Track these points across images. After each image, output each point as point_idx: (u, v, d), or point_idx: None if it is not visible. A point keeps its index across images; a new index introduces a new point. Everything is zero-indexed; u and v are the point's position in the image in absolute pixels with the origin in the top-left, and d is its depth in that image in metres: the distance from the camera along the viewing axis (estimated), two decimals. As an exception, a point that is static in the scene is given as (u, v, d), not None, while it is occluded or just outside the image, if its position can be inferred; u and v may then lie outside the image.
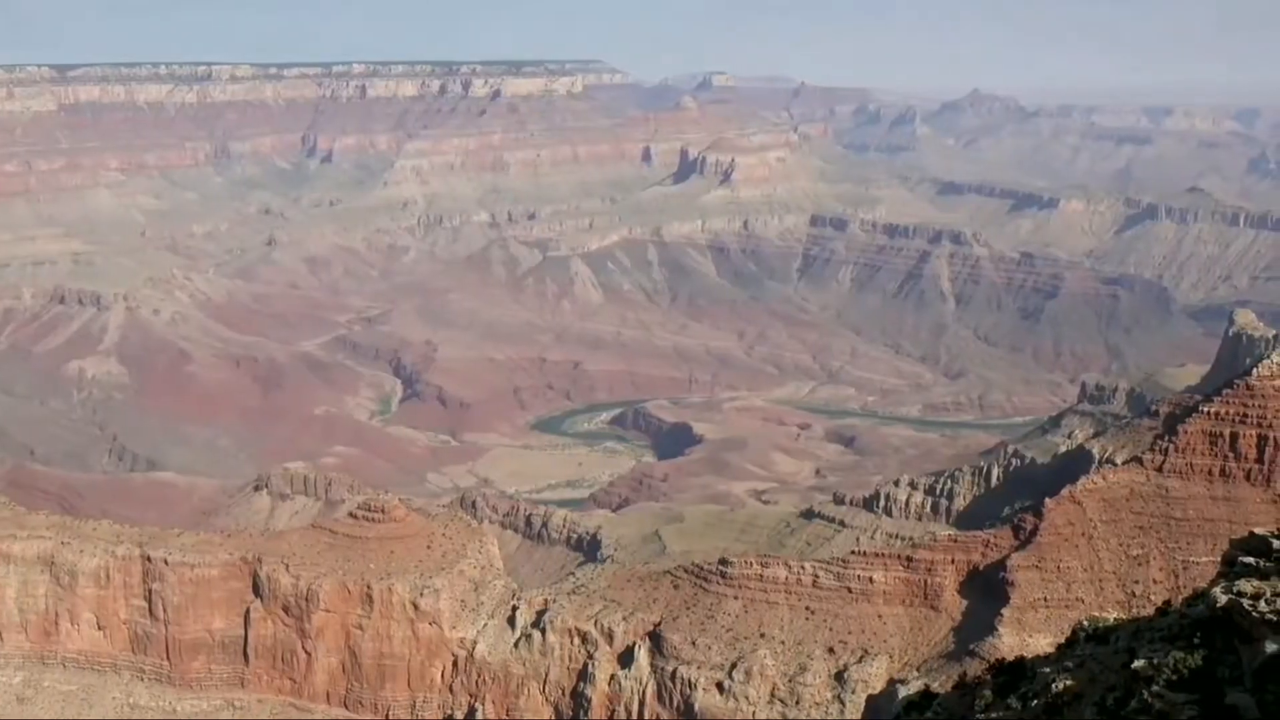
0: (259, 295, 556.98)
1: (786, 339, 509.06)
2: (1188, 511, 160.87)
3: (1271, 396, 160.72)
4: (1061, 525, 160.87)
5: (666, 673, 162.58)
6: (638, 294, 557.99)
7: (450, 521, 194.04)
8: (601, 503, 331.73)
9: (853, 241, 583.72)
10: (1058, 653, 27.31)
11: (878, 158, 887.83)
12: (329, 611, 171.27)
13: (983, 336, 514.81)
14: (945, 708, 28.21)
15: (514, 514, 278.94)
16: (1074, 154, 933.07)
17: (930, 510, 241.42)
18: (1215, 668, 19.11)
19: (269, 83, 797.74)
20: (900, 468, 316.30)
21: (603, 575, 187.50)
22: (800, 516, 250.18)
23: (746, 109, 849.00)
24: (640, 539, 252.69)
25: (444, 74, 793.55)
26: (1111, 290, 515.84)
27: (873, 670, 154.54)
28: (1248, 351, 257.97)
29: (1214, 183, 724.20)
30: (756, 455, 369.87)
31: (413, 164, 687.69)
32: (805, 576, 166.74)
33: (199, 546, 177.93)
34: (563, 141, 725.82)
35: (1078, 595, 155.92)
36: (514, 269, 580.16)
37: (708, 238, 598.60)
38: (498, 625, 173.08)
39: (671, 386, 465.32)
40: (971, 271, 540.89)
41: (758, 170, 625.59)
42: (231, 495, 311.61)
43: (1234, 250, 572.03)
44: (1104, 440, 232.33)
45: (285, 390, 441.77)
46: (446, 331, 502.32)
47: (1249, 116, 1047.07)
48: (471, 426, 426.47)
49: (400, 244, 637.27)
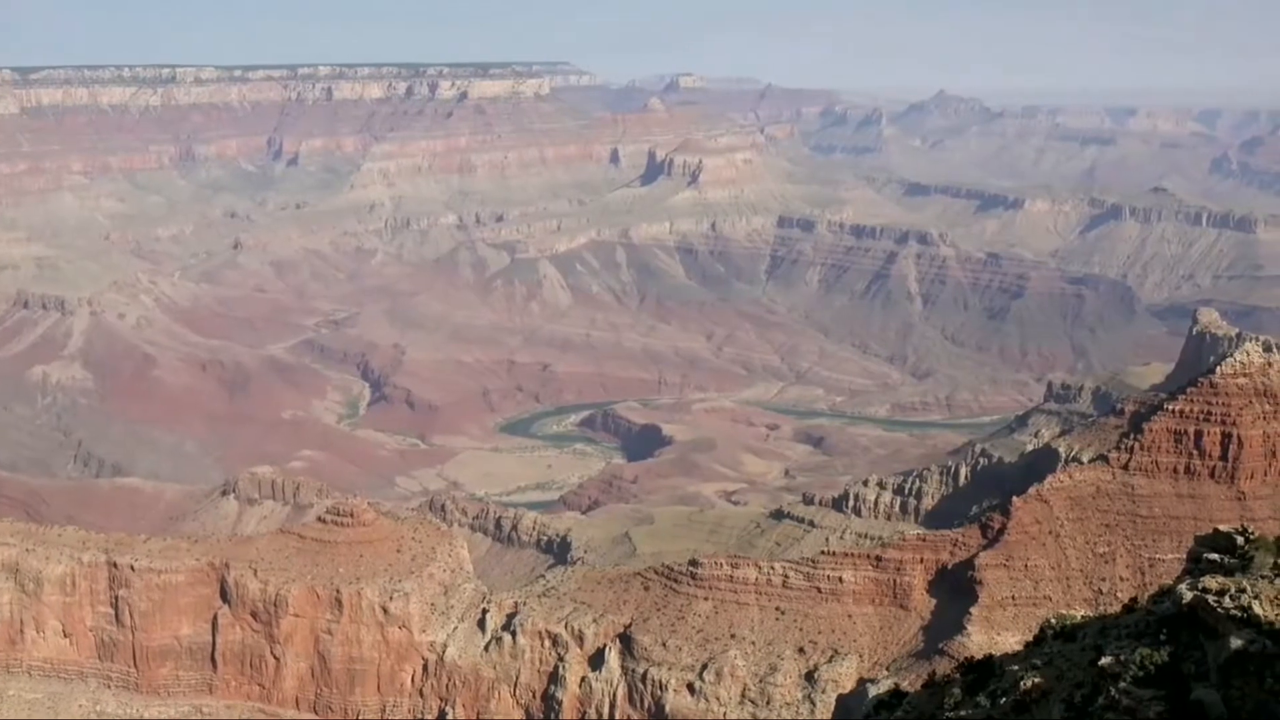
0: (225, 299, 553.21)
1: (755, 340, 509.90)
2: (1153, 509, 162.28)
3: (1235, 394, 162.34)
4: (1029, 524, 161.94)
5: (637, 674, 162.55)
6: (606, 296, 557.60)
7: (419, 525, 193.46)
8: (571, 505, 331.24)
9: (820, 242, 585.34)
10: (1026, 650, 27.47)
11: (844, 159, 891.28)
12: (298, 616, 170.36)
13: (950, 336, 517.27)
14: (915, 706, 28.33)
15: (483, 517, 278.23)
16: (1039, 155, 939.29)
17: (899, 510, 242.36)
18: (1181, 664, 19.28)
19: (234, 85, 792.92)
20: (869, 468, 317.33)
21: (573, 577, 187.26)
22: (770, 517, 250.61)
23: (714, 110, 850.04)
24: (610, 541, 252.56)
25: (410, 76, 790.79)
26: (1076, 290, 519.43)
27: (843, 670, 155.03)
28: (1211, 350, 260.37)
29: (1177, 183, 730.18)
30: (725, 456, 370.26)
31: (379, 166, 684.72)
32: (775, 577, 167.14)
33: (166, 552, 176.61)
34: (530, 143, 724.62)
35: (1045, 593, 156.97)
36: (482, 271, 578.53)
37: (676, 239, 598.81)
38: (468, 628, 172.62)
39: (640, 388, 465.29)
40: (938, 272, 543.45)
41: (725, 172, 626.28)
42: (198, 500, 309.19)
43: (1197, 250, 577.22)
44: (1070, 439, 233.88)
45: (252, 394, 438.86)
46: (414, 334, 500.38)
47: (1211, 117, 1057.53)
48: (440, 429, 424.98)
49: (367, 247, 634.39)
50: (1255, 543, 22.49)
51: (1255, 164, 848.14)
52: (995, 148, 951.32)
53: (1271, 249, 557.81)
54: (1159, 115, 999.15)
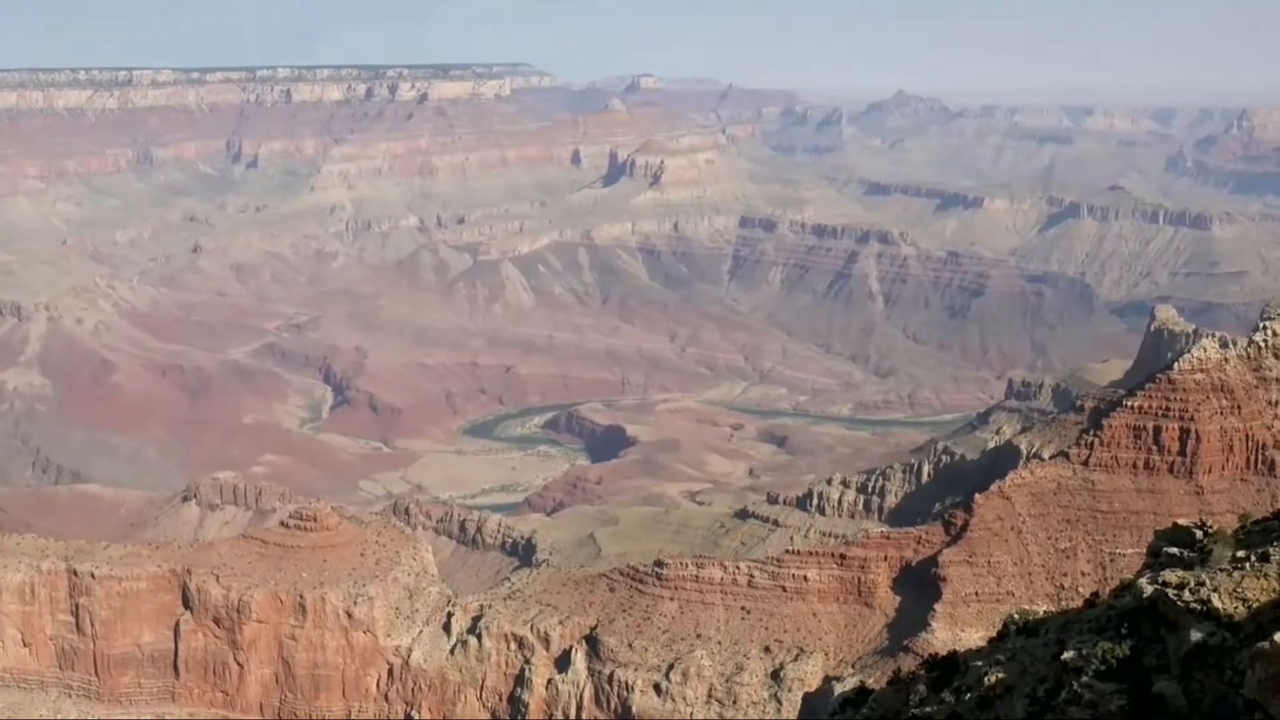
0: (185, 303, 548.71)
1: (718, 340, 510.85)
2: (1113, 504, 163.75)
3: (1193, 390, 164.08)
4: (991, 520, 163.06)
5: (603, 676, 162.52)
6: (569, 297, 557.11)
7: (383, 529, 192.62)
8: (536, 507, 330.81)
9: (782, 242, 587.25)
10: (989, 646, 27.64)
11: (805, 159, 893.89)
12: (261, 622, 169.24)
13: (911, 335, 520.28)
14: (880, 704, 28.45)
15: (448, 520, 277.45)
16: (997, 154, 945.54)
17: (863, 508, 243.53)
18: (1142, 657, 19.45)
19: (192, 87, 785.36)
20: (832, 466, 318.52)
21: (538, 579, 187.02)
22: (734, 517, 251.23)
23: (674, 111, 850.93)
24: (575, 542, 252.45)
25: (370, 78, 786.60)
26: (1036, 288, 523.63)
27: (808, 668, 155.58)
28: (1169, 346, 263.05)
29: (1134, 181, 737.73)
30: (690, 456, 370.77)
31: (340, 169, 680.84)
32: (740, 576, 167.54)
33: (126, 559, 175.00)
34: (491, 145, 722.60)
35: (1008, 589, 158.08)
36: (444, 273, 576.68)
37: (638, 240, 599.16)
38: (433, 632, 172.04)
39: (604, 389, 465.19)
40: (899, 271, 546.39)
41: (687, 172, 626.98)
42: (159, 506, 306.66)
43: (1154, 247, 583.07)
44: (1031, 436, 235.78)
45: (213, 399, 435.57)
46: (376, 337, 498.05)
47: (1166, 116, 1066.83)
48: (403, 432, 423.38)
49: (328, 249, 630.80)
50: (1214, 536, 22.72)
51: (1210, 162, 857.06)
52: (954, 147, 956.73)
53: (1227, 246, 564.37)
54: (1115, 114, 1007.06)
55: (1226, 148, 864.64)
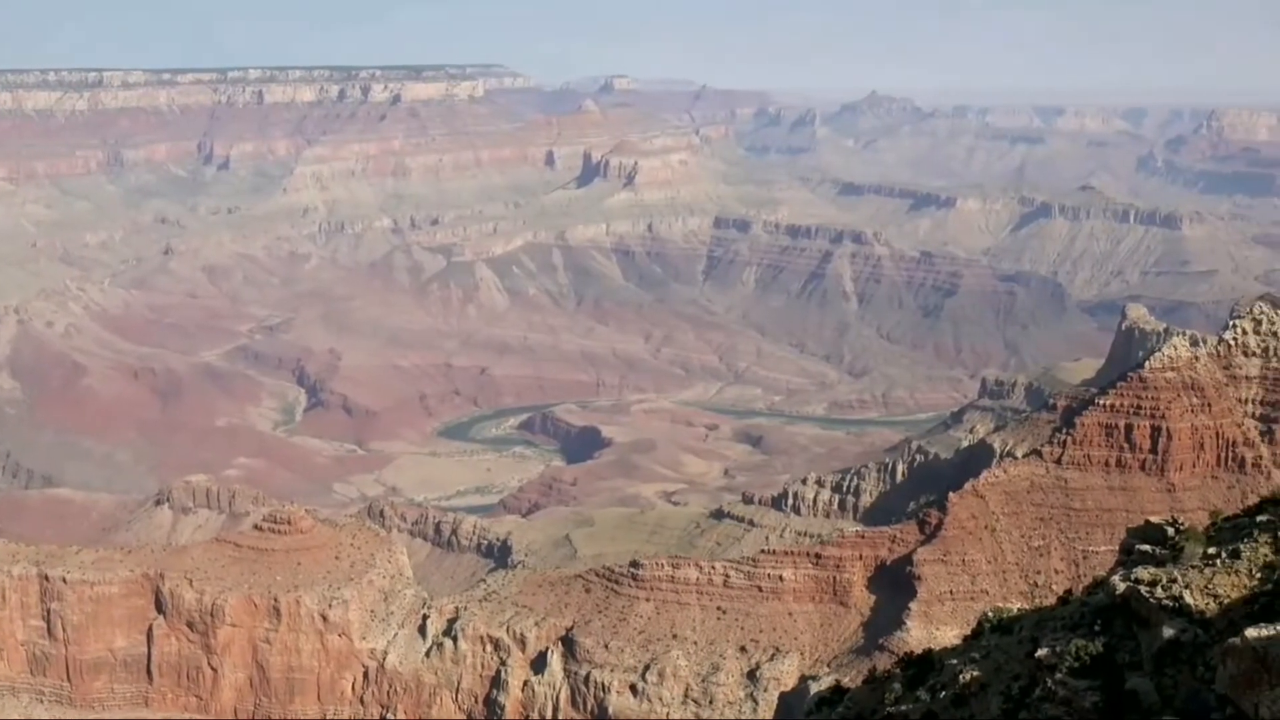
0: (156, 305, 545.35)
1: (693, 340, 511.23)
2: (1086, 502, 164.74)
3: (1164, 388, 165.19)
4: (965, 519, 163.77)
5: (580, 677, 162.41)
6: (543, 298, 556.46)
7: (358, 531, 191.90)
8: (511, 508, 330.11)
9: (756, 243, 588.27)
10: (964, 644, 27.80)
11: (779, 159, 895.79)
12: (235, 626, 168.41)
13: (885, 334, 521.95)
14: (856, 702, 28.57)
15: (423, 522, 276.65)
16: (969, 154, 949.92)
17: (838, 507, 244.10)
18: (1115, 654, 19.60)
19: (162, 88, 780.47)
20: (807, 466, 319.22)
21: (514, 581, 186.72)
22: (710, 517, 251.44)
23: (648, 112, 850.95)
24: (551, 544, 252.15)
25: (343, 79, 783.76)
26: (1008, 287, 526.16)
27: (784, 668, 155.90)
28: (1140, 345, 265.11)
29: (1104, 181, 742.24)
30: (665, 457, 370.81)
31: (312, 170, 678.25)
32: (716, 576, 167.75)
33: (98, 564, 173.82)
34: (465, 146, 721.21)
35: (982, 587, 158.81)
36: (418, 275, 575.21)
37: (612, 241, 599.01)
38: (408, 635, 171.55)
39: (579, 390, 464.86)
40: (873, 271, 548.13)
41: (661, 173, 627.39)
42: (131, 510, 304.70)
43: (1125, 246, 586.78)
44: (1004, 434, 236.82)
45: (185, 402, 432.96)
46: (350, 339, 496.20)
47: (1137, 116, 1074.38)
48: (377, 435, 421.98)
49: (301, 251, 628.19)
50: (1185, 534, 22.92)
51: (1180, 162, 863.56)
52: (927, 147, 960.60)
53: (1197, 245, 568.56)
54: (1086, 114, 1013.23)
55: (1196, 148, 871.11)
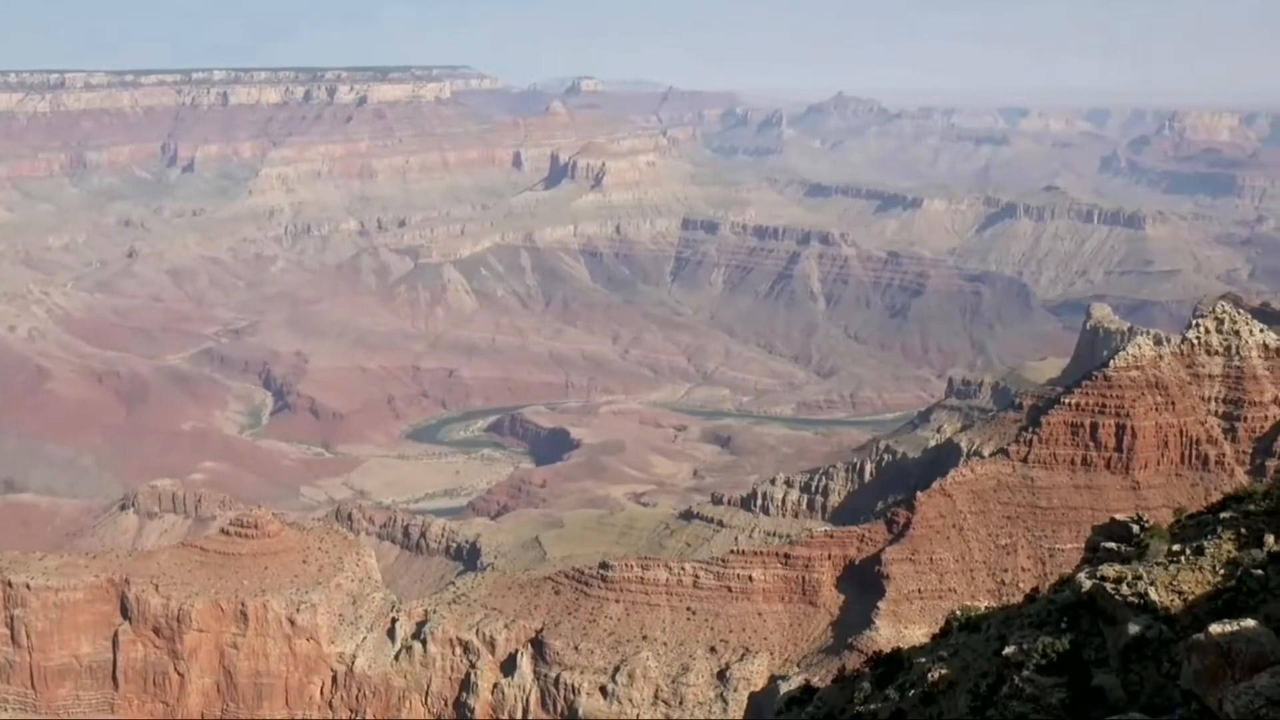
0: (120, 309, 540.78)
1: (661, 342, 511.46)
2: (1052, 500, 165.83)
3: (1128, 387, 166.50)
4: (933, 518, 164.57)
5: (550, 679, 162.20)
6: (511, 300, 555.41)
7: (326, 535, 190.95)
8: (480, 511, 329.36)
9: (724, 244, 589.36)
10: (932, 643, 27.96)
11: (746, 160, 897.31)
12: (202, 631, 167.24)
13: (852, 335, 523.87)
14: (826, 702, 28.68)
15: (391, 525, 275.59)
16: (935, 155, 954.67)
17: (806, 507, 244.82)
18: (1082, 651, 19.74)
19: (125, 90, 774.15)
20: (776, 466, 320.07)
21: (483, 584, 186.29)
22: (679, 518, 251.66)
23: (615, 113, 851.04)
24: (520, 546, 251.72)
25: (308, 80, 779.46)
26: (974, 287, 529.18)
27: (754, 668, 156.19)
28: (1104, 344, 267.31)
29: (1069, 181, 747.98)
30: (634, 458, 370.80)
31: (278, 172, 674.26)
32: (686, 577, 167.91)
33: (63, 569, 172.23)
34: (432, 148, 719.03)
35: (950, 585, 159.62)
36: (385, 277, 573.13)
37: (580, 242, 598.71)
38: (377, 638, 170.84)
39: (548, 392, 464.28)
40: (840, 271, 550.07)
41: (628, 174, 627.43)
42: (96, 515, 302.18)
43: (1089, 246, 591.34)
44: (971, 433, 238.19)
45: (150, 405, 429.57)
46: (317, 342, 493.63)
47: (1100, 117, 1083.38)
48: (345, 438, 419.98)
49: (267, 253, 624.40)
50: (1150, 531, 23.12)
51: (1143, 162, 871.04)
52: (893, 148, 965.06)
53: (1160, 245, 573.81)
54: (1050, 115, 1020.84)
55: (1159, 148, 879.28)
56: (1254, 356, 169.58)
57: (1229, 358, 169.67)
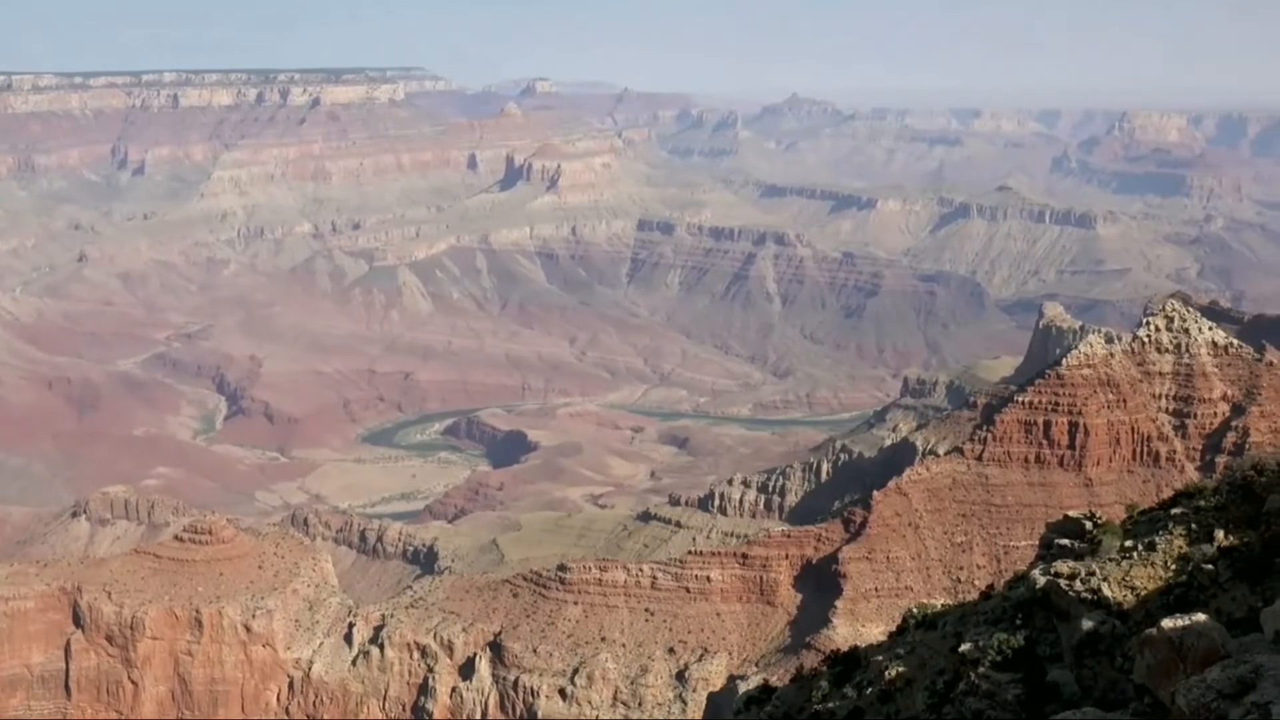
0: (70, 313, 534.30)
1: (618, 343, 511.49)
2: (1006, 498, 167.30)
3: (1080, 385, 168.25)
4: (889, 516, 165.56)
5: (508, 682, 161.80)
6: (467, 302, 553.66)
7: (281, 540, 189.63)
8: (437, 514, 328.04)
9: (680, 245, 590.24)
10: (889, 641, 28.12)
11: (701, 162, 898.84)
12: (156, 639, 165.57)
13: (808, 335, 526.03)
14: (784, 701, 28.78)
15: (347, 529, 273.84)
16: (889, 155, 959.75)
17: (763, 507, 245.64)
18: (1037, 647, 19.92)
19: (74, 92, 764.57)
20: (733, 467, 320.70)
21: (441, 587, 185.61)
22: (637, 519, 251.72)
23: (571, 115, 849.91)
24: (478, 549, 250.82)
25: (260, 82, 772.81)
26: (929, 287, 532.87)
27: (713, 668, 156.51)
28: (1057, 343, 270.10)
29: (1021, 181, 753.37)
30: (591, 460, 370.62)
31: (230, 174, 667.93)
32: (644, 578, 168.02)
33: (13, 578, 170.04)
34: (386, 150, 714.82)
35: (907, 584, 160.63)
36: (340, 280, 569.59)
37: (536, 244, 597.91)
38: (334, 643, 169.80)
39: (504, 394, 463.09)
40: (795, 272, 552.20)
41: (584, 176, 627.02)
42: (47, 523, 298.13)
43: (1041, 246, 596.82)
44: (926, 432, 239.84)
45: (102, 411, 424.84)
46: (271, 345, 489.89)
47: (1051, 118, 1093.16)
48: (300, 442, 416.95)
49: (220, 257, 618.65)
50: (1103, 527, 23.35)
51: (1093, 162, 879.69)
52: (847, 149, 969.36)
53: (1111, 244, 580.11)
54: (1002, 116, 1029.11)
55: (1109, 149, 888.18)
56: (1203, 354, 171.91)
57: (1179, 355, 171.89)
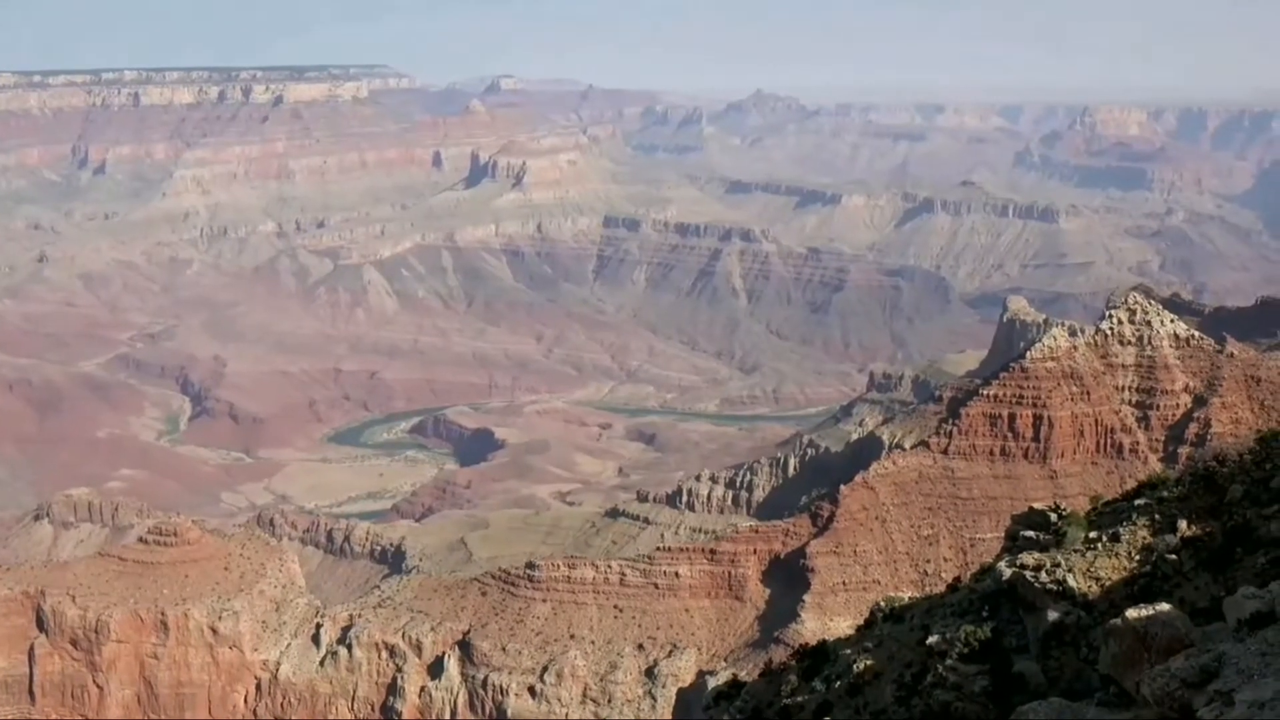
0: (31, 315, 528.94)
1: (584, 340, 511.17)
2: (972, 491, 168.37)
3: (1044, 378, 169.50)
4: (856, 510, 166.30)
5: (477, 681, 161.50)
6: (433, 300, 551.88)
7: (247, 541, 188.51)
8: (404, 513, 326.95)
9: (646, 241, 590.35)
10: (858, 634, 28.22)
11: (666, 158, 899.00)
12: (121, 642, 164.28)
13: (774, 330, 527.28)
14: (753, 696, 28.83)
15: (314, 530, 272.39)
16: (854, 151, 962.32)
17: (731, 503, 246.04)
18: (1003, 638, 20.06)
19: (33, 91, 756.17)
20: (700, 462, 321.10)
21: (409, 587, 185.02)
22: (605, 516, 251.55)
23: (535, 112, 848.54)
24: (446, 548, 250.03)
25: (222, 80, 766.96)
26: (894, 282, 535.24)
27: (682, 664, 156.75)
28: (1021, 336, 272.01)
29: (984, 176, 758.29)
30: (559, 457, 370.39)
31: (193, 174, 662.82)
32: (612, 575, 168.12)
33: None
34: (350, 148, 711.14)
35: (874, 577, 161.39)
36: (304, 279, 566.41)
37: (502, 242, 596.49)
38: (302, 644, 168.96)
39: (471, 392, 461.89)
40: (761, 267, 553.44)
41: (549, 173, 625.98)
42: (9, 526, 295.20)
43: (1005, 240, 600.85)
44: (893, 427, 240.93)
45: (64, 413, 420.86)
46: (236, 345, 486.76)
47: (1013, 113, 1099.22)
48: (266, 442, 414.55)
49: (183, 257, 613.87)
50: (1068, 519, 23.55)
51: (1056, 157, 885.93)
52: (812, 145, 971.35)
53: (1073, 238, 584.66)
54: (965, 111, 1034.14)
55: (1071, 143, 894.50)
56: (1165, 346, 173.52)
57: (1141, 348, 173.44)
